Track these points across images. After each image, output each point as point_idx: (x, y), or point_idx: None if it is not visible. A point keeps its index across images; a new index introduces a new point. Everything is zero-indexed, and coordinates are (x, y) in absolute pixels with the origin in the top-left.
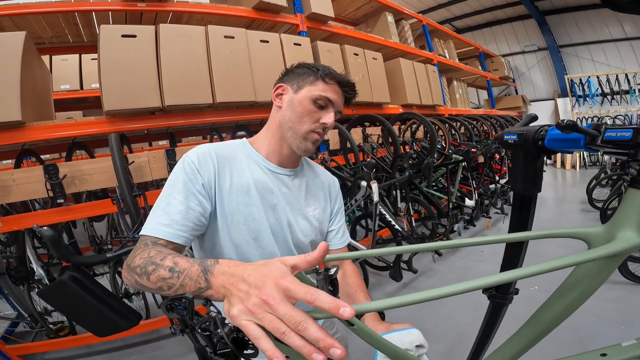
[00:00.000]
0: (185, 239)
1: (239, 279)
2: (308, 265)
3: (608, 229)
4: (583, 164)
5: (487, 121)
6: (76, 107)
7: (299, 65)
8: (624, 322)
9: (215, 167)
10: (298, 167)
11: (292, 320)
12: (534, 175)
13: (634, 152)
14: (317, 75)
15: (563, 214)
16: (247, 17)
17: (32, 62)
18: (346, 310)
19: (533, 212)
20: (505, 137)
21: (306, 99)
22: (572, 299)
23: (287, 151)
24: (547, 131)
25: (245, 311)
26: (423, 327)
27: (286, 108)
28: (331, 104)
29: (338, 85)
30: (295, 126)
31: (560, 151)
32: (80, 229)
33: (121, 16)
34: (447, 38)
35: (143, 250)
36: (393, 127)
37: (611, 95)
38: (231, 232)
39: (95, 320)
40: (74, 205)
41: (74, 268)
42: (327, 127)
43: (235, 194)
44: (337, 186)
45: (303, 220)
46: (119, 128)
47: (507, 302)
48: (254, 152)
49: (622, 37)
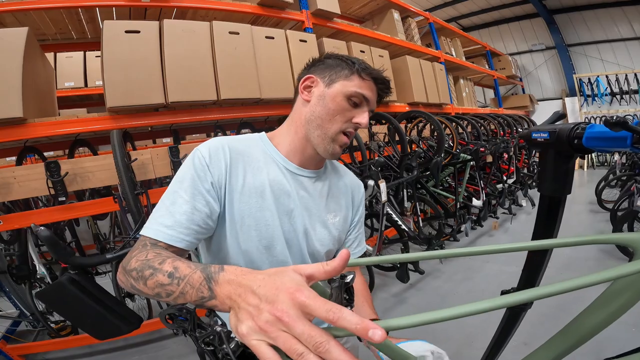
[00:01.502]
0: (188, 243)
1: (248, 290)
2: (326, 276)
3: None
4: (591, 164)
5: (495, 120)
6: (80, 105)
7: (329, 56)
8: (637, 324)
9: (227, 164)
10: (321, 169)
11: (312, 340)
12: (565, 175)
13: None
14: (352, 69)
15: (572, 215)
16: (253, 13)
17: (34, 59)
18: (377, 333)
19: (561, 217)
20: (534, 135)
21: (340, 94)
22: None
23: (310, 152)
24: (585, 129)
25: (256, 329)
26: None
27: (316, 103)
28: (366, 102)
29: (374, 82)
30: (325, 124)
31: (600, 150)
32: (84, 226)
33: (125, 12)
34: (454, 36)
35: (140, 251)
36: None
37: (620, 95)
38: (240, 238)
39: (94, 323)
40: (75, 203)
41: (73, 269)
42: (360, 127)
43: (248, 196)
44: (361, 191)
45: (322, 228)
46: (122, 125)
47: (527, 307)
48: (273, 149)
49: (632, 37)
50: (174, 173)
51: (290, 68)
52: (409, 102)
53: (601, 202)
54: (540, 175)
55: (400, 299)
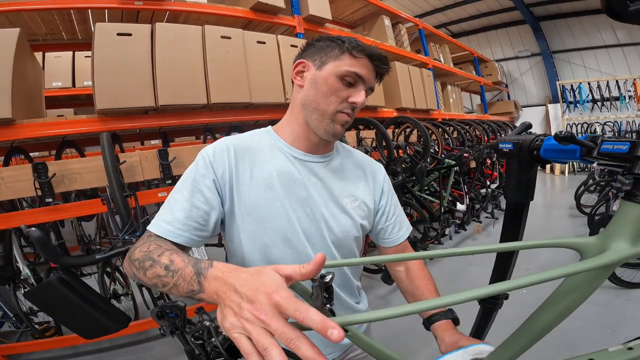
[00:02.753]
0: (186, 239)
1: (231, 288)
2: (302, 278)
3: (601, 239)
4: (572, 170)
5: (480, 126)
6: (67, 105)
7: (320, 38)
8: (610, 325)
9: (232, 161)
10: (332, 152)
11: (285, 336)
12: (527, 184)
13: (630, 165)
14: (342, 48)
15: (552, 219)
16: (245, 17)
17: (24, 59)
18: (334, 333)
19: (525, 221)
20: (500, 146)
21: (332, 75)
22: (562, 307)
23: (314, 136)
24: (543, 141)
25: (237, 325)
26: (415, 330)
27: (309, 87)
28: (361, 81)
29: (368, 59)
30: (321, 107)
31: (555, 161)
32: (68, 227)
33: (117, 14)
34: (443, 42)
35: (144, 243)
36: (387, 131)
37: (601, 102)
38: (254, 232)
39: (82, 322)
40: (62, 204)
41: (61, 269)
42: (357, 106)
43: (256, 189)
44: (381, 172)
45: (341, 213)
46: (111, 127)
47: (497, 307)
48: (279, 140)
49: (614, 44)
50: (163, 176)
51: (280, 73)
52: (397, 108)
53: (580, 207)
54: (506, 183)
55: (385, 300)
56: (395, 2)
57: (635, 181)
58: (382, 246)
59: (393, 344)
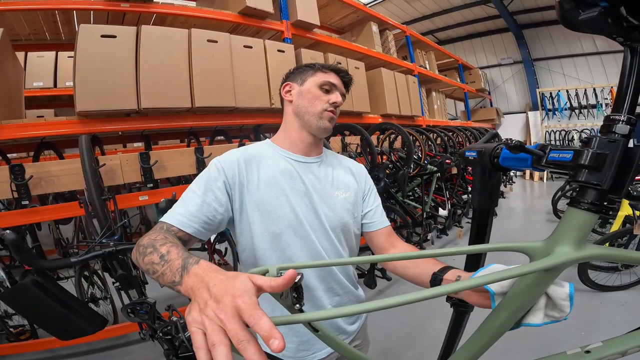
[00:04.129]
0: (196, 230)
1: (205, 286)
2: (271, 290)
3: (547, 244)
4: (550, 176)
5: (462, 133)
6: (48, 105)
7: (298, 67)
8: (585, 328)
9: (242, 167)
10: (322, 155)
11: (236, 337)
12: (491, 191)
13: (574, 173)
14: (315, 69)
15: (530, 224)
16: (232, 21)
17: (6, 59)
18: (274, 343)
19: (490, 225)
20: (466, 154)
21: (313, 86)
22: (514, 308)
23: (308, 138)
24: (502, 149)
25: (198, 320)
26: (395, 334)
27: (297, 98)
28: (335, 87)
29: (334, 73)
30: (310, 109)
31: (513, 169)
32: (45, 230)
33: (103, 16)
34: (429, 49)
35: (153, 232)
36: (372, 137)
37: (579, 109)
38: (264, 223)
39: (58, 324)
40: (39, 207)
41: (36, 272)
42: (337, 104)
43: (265, 186)
44: (364, 170)
45: (334, 203)
46: (92, 129)
47: (469, 310)
48: (278, 148)
49: (593, 52)
50: (144, 179)
51: (266, 78)
52: (382, 114)
53: (556, 212)
54: (472, 190)
55: None
56: (383, 8)
57: (579, 188)
58: (372, 230)
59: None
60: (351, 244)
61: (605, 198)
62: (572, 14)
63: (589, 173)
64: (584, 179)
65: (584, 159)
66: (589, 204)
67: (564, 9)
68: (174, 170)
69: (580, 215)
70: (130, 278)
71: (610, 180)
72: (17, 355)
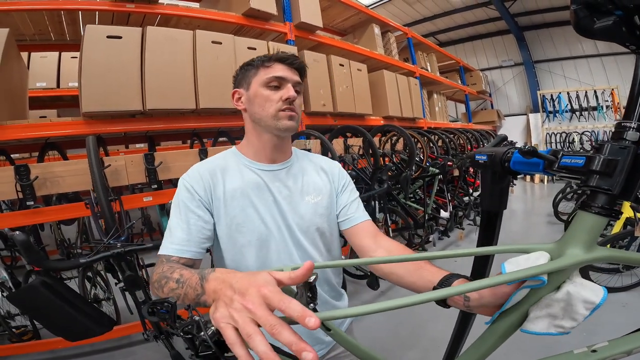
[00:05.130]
0: (193, 252)
1: (227, 285)
2: (291, 282)
3: (558, 246)
4: (550, 179)
5: (464, 135)
6: (51, 106)
7: (239, 68)
8: (587, 329)
9: (207, 182)
10: (290, 159)
11: (268, 323)
12: (500, 193)
13: (585, 178)
14: (255, 66)
15: (531, 226)
16: (236, 23)
17: (11, 60)
18: (311, 321)
19: (499, 228)
20: (476, 157)
21: (259, 87)
22: (525, 308)
23: (270, 144)
24: (513, 154)
25: (227, 315)
26: (395, 335)
27: (249, 106)
28: (284, 80)
29: (278, 62)
30: (264, 114)
31: (523, 173)
32: (47, 231)
33: (108, 16)
34: (430, 51)
35: (158, 267)
36: (374, 139)
37: (580, 112)
38: (232, 237)
39: (66, 325)
40: (44, 207)
41: (44, 273)
42: (291, 99)
43: (231, 200)
44: (337, 166)
45: (305, 208)
46: (97, 130)
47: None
48: (243, 157)
49: (594, 54)
50: (148, 180)
51: None
52: (384, 116)
53: (557, 214)
54: (481, 193)
55: None
56: (384, 10)
57: (590, 192)
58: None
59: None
60: (330, 247)
61: (615, 203)
62: (586, 22)
63: (600, 178)
64: (596, 184)
65: (596, 165)
66: (599, 208)
67: (578, 17)
68: (178, 171)
69: (591, 218)
70: (137, 279)
71: (620, 186)
72: (19, 356)
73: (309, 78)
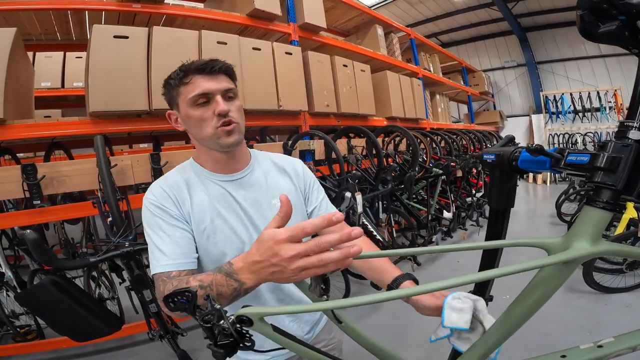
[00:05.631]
0: (190, 263)
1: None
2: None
3: (565, 239)
4: (553, 180)
5: (466, 135)
6: (55, 105)
7: (163, 87)
8: (590, 329)
9: (174, 197)
10: (250, 165)
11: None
12: (508, 192)
13: (590, 174)
14: (176, 85)
15: (533, 227)
16: (241, 23)
17: (18, 59)
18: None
19: (507, 225)
20: (484, 157)
21: (188, 108)
22: (533, 300)
23: (222, 158)
24: (521, 153)
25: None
26: (401, 335)
27: (187, 127)
28: (209, 94)
29: (198, 75)
30: (202, 134)
31: (530, 171)
32: (50, 231)
33: (114, 16)
34: (433, 52)
35: (164, 284)
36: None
37: (582, 113)
38: (202, 249)
39: (74, 325)
40: (51, 206)
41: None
42: (224, 112)
43: (199, 213)
44: (300, 165)
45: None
46: (103, 130)
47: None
48: (202, 170)
49: (597, 55)
50: (154, 179)
51: (274, 80)
52: (387, 117)
53: (560, 215)
54: (489, 191)
55: (374, 305)
56: (387, 11)
57: (595, 188)
58: None
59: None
60: None
61: (619, 197)
62: (592, 27)
63: (605, 175)
64: (600, 180)
65: (600, 162)
66: (604, 203)
67: (584, 21)
68: None
69: (596, 213)
70: (145, 278)
71: (624, 182)
72: (23, 356)
73: (313, 79)
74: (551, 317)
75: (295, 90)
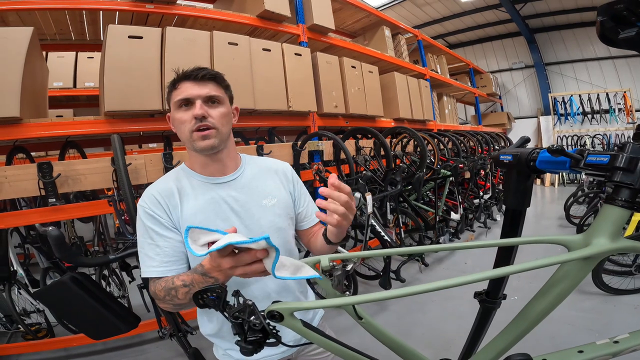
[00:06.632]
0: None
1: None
2: None
3: (585, 236)
4: (562, 182)
5: (474, 137)
6: (67, 105)
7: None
8: (598, 330)
9: (165, 204)
10: (241, 167)
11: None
12: (525, 192)
13: (610, 174)
14: (170, 90)
15: (542, 229)
16: (251, 24)
17: (34, 59)
18: None
19: (522, 224)
20: (501, 157)
21: (174, 110)
22: (553, 296)
23: (205, 160)
24: (539, 153)
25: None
26: (410, 335)
27: (174, 128)
28: (190, 100)
29: (185, 81)
30: (182, 135)
31: (549, 172)
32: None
33: (127, 17)
34: (440, 53)
35: (156, 285)
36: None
37: (591, 115)
38: None
39: (93, 322)
40: (65, 205)
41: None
42: (198, 115)
43: (189, 217)
44: (289, 169)
45: (263, 213)
46: (118, 129)
47: (496, 306)
48: (193, 173)
49: (606, 56)
50: None
51: (284, 80)
52: (394, 118)
53: (569, 217)
54: (505, 191)
55: (382, 305)
56: (394, 12)
57: (614, 187)
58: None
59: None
60: (289, 247)
61: (637, 196)
62: (612, 33)
63: (624, 174)
64: (619, 180)
65: (620, 162)
66: (623, 201)
67: (604, 27)
68: None
69: (615, 211)
70: None
71: None
72: (32, 354)
73: (321, 80)
74: (560, 318)
75: (304, 91)
